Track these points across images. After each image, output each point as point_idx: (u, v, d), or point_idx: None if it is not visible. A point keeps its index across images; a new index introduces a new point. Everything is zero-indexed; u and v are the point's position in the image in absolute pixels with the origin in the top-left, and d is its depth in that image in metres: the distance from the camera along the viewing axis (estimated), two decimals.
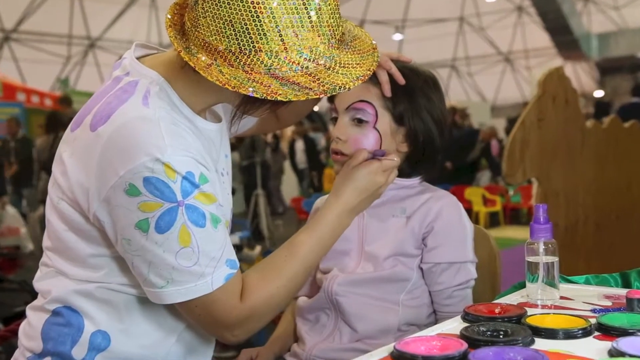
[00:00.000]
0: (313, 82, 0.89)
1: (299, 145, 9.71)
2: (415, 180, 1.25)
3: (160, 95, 0.93)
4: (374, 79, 1.17)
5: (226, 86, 0.86)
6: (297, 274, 1.00)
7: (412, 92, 1.18)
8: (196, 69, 0.88)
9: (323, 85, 0.89)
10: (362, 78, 0.92)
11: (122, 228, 0.90)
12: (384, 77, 1.17)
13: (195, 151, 0.92)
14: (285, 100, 0.87)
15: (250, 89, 0.86)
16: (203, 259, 0.90)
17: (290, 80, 0.88)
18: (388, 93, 1.17)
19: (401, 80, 1.17)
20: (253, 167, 6.81)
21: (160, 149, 0.87)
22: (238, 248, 3.98)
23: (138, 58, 0.99)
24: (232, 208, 1.07)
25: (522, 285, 1.09)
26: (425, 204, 1.20)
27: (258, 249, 4.21)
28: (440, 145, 1.21)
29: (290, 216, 8.15)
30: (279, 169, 9.40)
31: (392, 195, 1.23)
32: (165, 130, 0.89)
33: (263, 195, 6.65)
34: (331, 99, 1.22)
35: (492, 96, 18.40)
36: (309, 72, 0.89)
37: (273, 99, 0.87)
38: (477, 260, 1.22)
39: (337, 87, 0.89)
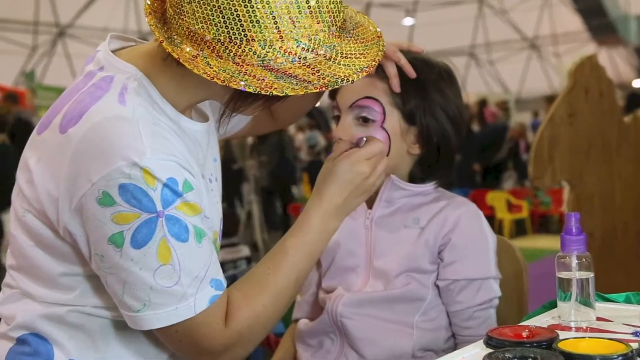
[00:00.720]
0: (312, 74, 0.89)
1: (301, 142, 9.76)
2: (429, 186, 1.25)
3: (139, 92, 0.94)
4: (380, 73, 1.18)
5: (215, 80, 0.87)
6: (284, 288, 1.00)
7: (424, 87, 1.19)
8: (180, 61, 0.88)
9: (323, 78, 0.89)
10: (367, 70, 0.93)
11: (95, 242, 0.90)
12: (392, 70, 1.17)
13: (179, 154, 0.92)
14: (281, 95, 0.87)
15: (242, 83, 0.87)
16: (185, 279, 0.91)
17: (287, 73, 0.88)
18: (397, 88, 1.17)
19: (412, 73, 1.18)
20: (285, 169, 6.77)
21: (139, 152, 0.87)
22: None
23: (114, 51, 0.99)
24: (222, 218, 1.07)
25: (553, 305, 1.09)
26: (441, 212, 1.20)
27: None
28: (457, 146, 1.22)
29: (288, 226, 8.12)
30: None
31: (404, 204, 1.24)
32: (144, 130, 0.89)
33: (257, 202, 6.66)
34: (333, 96, 1.23)
35: (516, 88, 18.41)
36: (307, 64, 0.89)
37: (268, 94, 0.87)
38: (500, 276, 1.22)
39: (339, 80, 0.90)
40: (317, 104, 1.31)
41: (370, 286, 1.21)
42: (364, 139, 1.11)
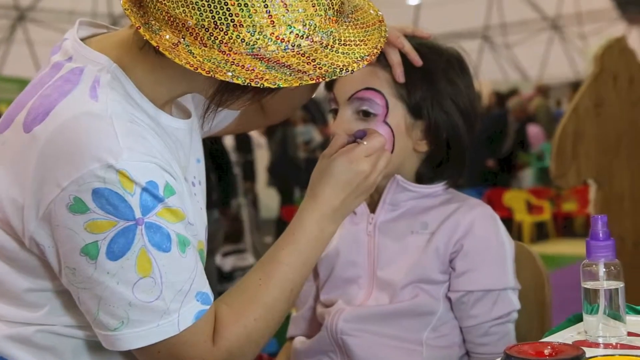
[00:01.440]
0: (307, 63, 0.90)
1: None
2: (438, 187, 1.26)
3: (113, 85, 0.94)
4: (382, 61, 1.19)
5: (199, 70, 0.87)
6: (277, 301, 1.01)
7: (431, 76, 1.20)
8: (159, 49, 0.89)
9: (320, 68, 0.90)
10: (368, 58, 0.93)
11: (66, 254, 0.91)
12: (395, 58, 1.18)
13: (159, 155, 0.93)
14: (273, 87, 0.88)
15: (229, 74, 0.87)
16: (167, 292, 0.91)
17: (279, 62, 0.89)
18: (401, 78, 1.18)
19: (417, 61, 1.19)
20: (292, 167, 6.80)
21: (114, 152, 0.88)
22: None
23: (83, 39, 1.00)
24: (208, 226, 1.08)
25: (579, 319, 1.10)
26: (453, 216, 1.21)
27: None
28: (469, 142, 1.23)
29: (279, 230, 8.15)
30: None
31: (411, 207, 1.25)
32: (119, 129, 0.90)
33: (246, 205, 6.66)
34: (330, 87, 1.24)
35: (535, 74, 18.41)
36: (301, 52, 0.90)
37: (258, 85, 0.87)
38: (520, 287, 1.23)
39: (338, 70, 0.90)
40: (313, 95, 1.32)
41: (374, 299, 1.22)
42: (364, 132, 1.12)
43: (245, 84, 0.87)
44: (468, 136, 1.23)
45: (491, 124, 6.93)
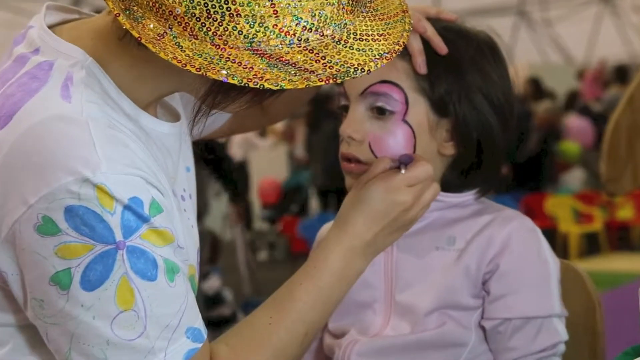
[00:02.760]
0: (316, 61, 0.90)
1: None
2: (468, 196, 1.27)
3: (88, 83, 0.95)
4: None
5: (187, 67, 0.87)
6: (287, 345, 1.02)
7: (459, 66, 1.20)
8: (142, 41, 0.89)
9: (331, 67, 0.90)
10: (388, 56, 0.94)
11: (33, 283, 0.91)
12: (416, 46, 1.19)
13: (145, 167, 0.93)
14: (275, 88, 0.88)
15: (224, 72, 0.87)
16: (153, 328, 0.92)
17: (283, 59, 0.89)
18: (423, 69, 1.19)
19: (442, 48, 1.20)
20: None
21: (91, 164, 0.88)
22: None
23: (52, 27, 1.00)
24: (199, 248, 1.08)
25: (638, 352, 1.10)
26: (485, 230, 1.22)
27: None
28: (505, 143, 1.24)
29: (277, 246, 8.16)
30: None
31: (436, 218, 1.25)
32: (97, 135, 0.90)
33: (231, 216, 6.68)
34: None
35: (581, 55, 18.34)
36: (309, 47, 0.90)
37: (257, 86, 0.87)
38: (567, 314, 1.23)
39: (352, 69, 0.91)
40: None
41: (392, 328, 1.23)
42: (410, 158, 1.13)
43: (242, 84, 0.87)
44: (503, 136, 1.23)
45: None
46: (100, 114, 0.93)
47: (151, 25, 0.90)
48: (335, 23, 0.92)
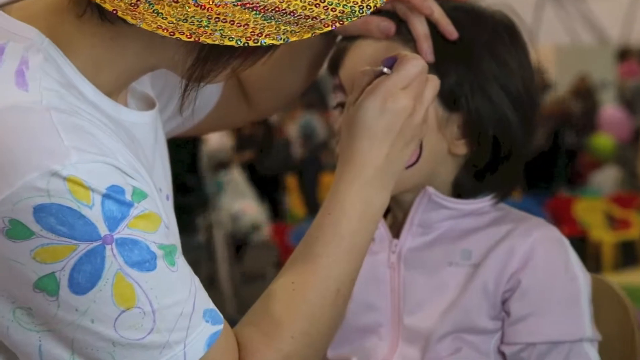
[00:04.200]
0: (315, 5, 0.91)
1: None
2: (484, 202, 1.27)
3: (46, 69, 0.95)
4: (404, 34, 1.20)
5: (177, 35, 0.88)
6: (319, 307, 1.03)
7: (471, 53, 1.21)
8: (118, 14, 0.88)
9: (333, 9, 0.91)
10: None
11: (14, 293, 0.91)
12: (421, 29, 1.19)
13: (120, 156, 0.93)
14: (278, 43, 0.89)
15: (217, 34, 0.88)
16: (164, 322, 0.93)
17: (279, 9, 0.90)
18: (429, 56, 1.19)
19: (452, 32, 1.20)
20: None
21: (57, 155, 0.88)
22: None
23: (1, 6, 1.00)
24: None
25: None
26: (505, 241, 1.22)
27: None
28: (525, 140, 1.24)
29: (264, 256, 8.14)
30: None
31: (448, 229, 1.26)
32: (61, 124, 0.90)
33: (223, 222, 6.69)
34: (334, 70, 1.26)
35: (617, 35, 18.34)
36: None
37: (259, 44, 0.88)
38: (600, 337, 1.24)
39: (357, 8, 0.92)
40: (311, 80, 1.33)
41: (400, 355, 1.23)
42: (394, 59, 1.12)
43: (242, 44, 0.88)
44: (523, 132, 1.24)
45: None
46: (62, 102, 0.93)
47: None
48: None
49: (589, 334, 1.21)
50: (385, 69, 1.11)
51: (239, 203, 7.45)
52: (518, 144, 1.24)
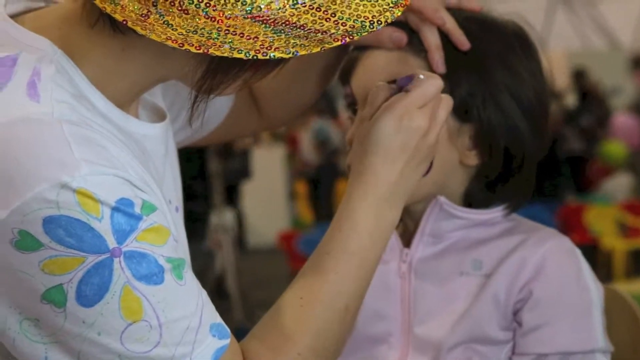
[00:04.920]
0: (326, 19, 0.91)
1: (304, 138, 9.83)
2: (495, 212, 1.27)
3: (58, 80, 0.95)
4: (415, 44, 1.21)
5: (186, 47, 0.88)
6: (327, 323, 1.03)
7: (483, 63, 1.21)
8: (128, 24, 0.89)
9: (343, 24, 0.91)
10: (404, 2, 0.94)
11: (22, 303, 0.92)
12: (433, 40, 1.20)
13: (130, 169, 0.94)
14: (287, 56, 0.89)
15: (227, 47, 0.88)
16: (170, 335, 0.93)
17: (289, 23, 0.91)
18: (441, 67, 1.20)
19: (464, 42, 1.20)
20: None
21: (67, 166, 0.89)
22: None
23: (14, 16, 1.00)
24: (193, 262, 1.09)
25: None
26: (517, 252, 1.22)
27: None
28: (538, 150, 1.24)
29: (274, 264, 8.14)
30: None
31: (459, 239, 1.26)
32: (72, 136, 0.91)
33: (230, 228, 6.68)
34: (345, 78, 1.26)
35: (629, 40, 18.22)
36: (316, 5, 0.92)
37: (267, 57, 0.88)
38: (612, 348, 1.23)
39: (367, 23, 0.92)
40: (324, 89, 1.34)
41: None
42: (410, 78, 1.12)
43: (250, 57, 0.88)
44: (534, 142, 1.24)
45: None
46: (73, 114, 0.93)
47: (131, 6, 0.90)
48: None
49: (601, 345, 1.21)
50: (402, 86, 1.11)
51: None
52: (530, 154, 1.24)
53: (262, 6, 0.90)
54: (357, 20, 0.92)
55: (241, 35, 0.89)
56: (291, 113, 1.40)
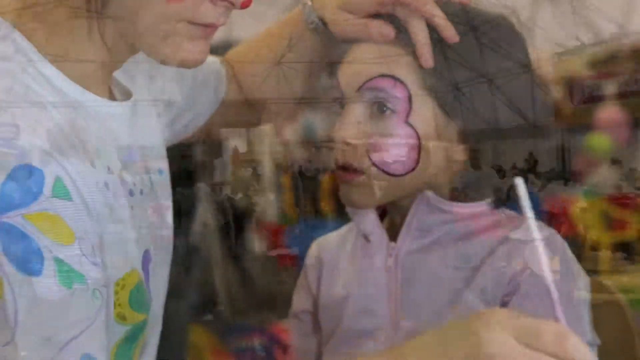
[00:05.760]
0: None
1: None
2: (482, 206, 1.28)
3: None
4: (403, 38, 1.21)
5: None
6: None
7: (471, 57, 1.21)
8: None
9: None
10: None
11: None
12: (420, 34, 1.20)
13: (65, 133, 0.88)
14: None
15: None
16: (25, 338, 0.79)
17: None
18: (429, 62, 1.20)
19: (453, 36, 1.20)
20: None
21: None
22: None
23: None
24: (172, 257, 1.08)
25: None
26: (503, 245, 1.23)
27: None
28: (525, 145, 1.27)
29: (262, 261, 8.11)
30: None
31: (446, 233, 1.27)
32: None
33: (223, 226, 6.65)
34: (333, 72, 1.26)
35: (611, 31, 18.28)
36: None
37: None
38: (599, 342, 1.24)
39: None
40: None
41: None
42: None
43: None
44: (523, 137, 1.25)
45: None
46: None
47: None
48: None
49: (588, 338, 1.22)
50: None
51: None
52: (517, 148, 1.25)
53: None
54: None
55: None
56: (282, 106, 1.40)
